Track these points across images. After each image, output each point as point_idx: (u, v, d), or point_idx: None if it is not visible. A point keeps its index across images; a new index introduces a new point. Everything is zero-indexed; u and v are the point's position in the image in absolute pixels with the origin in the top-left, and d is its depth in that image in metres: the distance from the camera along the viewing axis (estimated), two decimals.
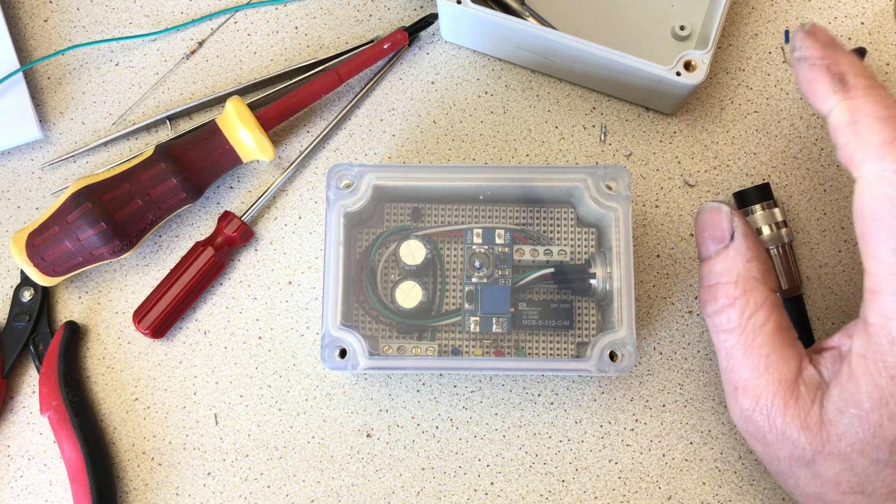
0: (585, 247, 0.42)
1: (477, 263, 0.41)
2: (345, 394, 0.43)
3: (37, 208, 0.46)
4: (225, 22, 0.48)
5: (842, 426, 0.30)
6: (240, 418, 0.43)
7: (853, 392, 0.29)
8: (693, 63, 0.41)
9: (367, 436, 0.42)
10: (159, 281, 0.44)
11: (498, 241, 0.41)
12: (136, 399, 0.43)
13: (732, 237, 0.33)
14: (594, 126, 0.46)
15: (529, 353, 0.41)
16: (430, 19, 0.46)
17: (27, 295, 0.44)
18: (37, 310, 0.43)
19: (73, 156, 0.46)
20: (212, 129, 0.43)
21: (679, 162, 0.45)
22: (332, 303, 0.38)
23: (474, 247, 0.41)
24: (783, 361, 0.32)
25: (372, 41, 0.47)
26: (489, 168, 0.40)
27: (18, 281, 0.44)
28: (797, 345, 0.32)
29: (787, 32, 0.47)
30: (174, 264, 0.44)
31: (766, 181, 0.44)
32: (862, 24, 0.47)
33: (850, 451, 0.30)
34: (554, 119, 0.46)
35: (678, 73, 0.41)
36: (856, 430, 0.29)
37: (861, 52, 0.44)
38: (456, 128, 0.46)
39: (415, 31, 0.46)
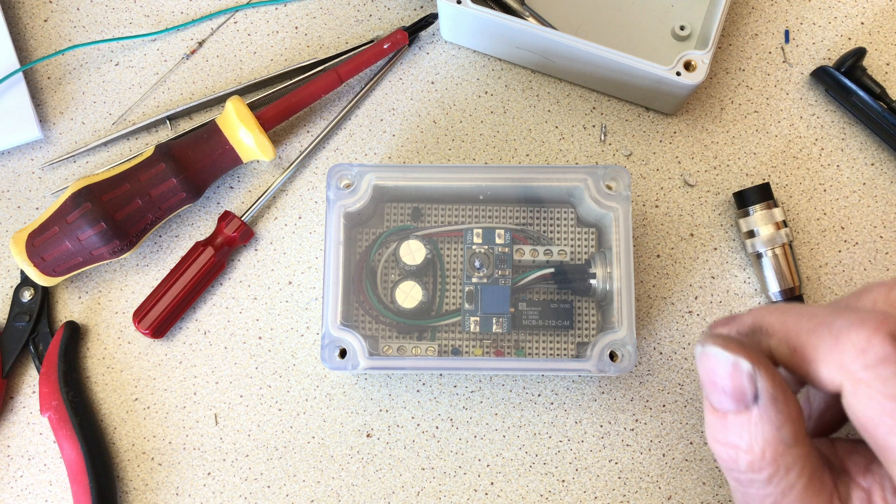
0: (585, 247, 0.42)
1: (477, 263, 0.41)
2: (345, 394, 0.43)
3: (37, 208, 0.46)
4: (225, 22, 0.48)
5: None
6: (240, 418, 0.43)
7: None
8: (693, 63, 0.41)
9: (367, 436, 0.42)
10: (159, 281, 0.44)
11: (498, 241, 0.41)
12: (136, 399, 0.43)
13: (756, 398, 0.27)
14: (594, 126, 0.46)
15: (529, 353, 0.41)
16: (430, 19, 0.46)
17: (27, 295, 0.44)
18: (37, 310, 0.43)
19: (73, 156, 0.46)
20: (212, 129, 0.43)
21: (679, 162, 0.45)
22: (332, 303, 0.38)
23: (474, 247, 0.41)
24: None
25: (372, 41, 0.47)
26: (489, 168, 0.40)
27: (18, 281, 0.44)
28: (826, 484, 0.28)
29: (787, 32, 0.47)
30: (174, 264, 0.44)
31: (766, 181, 0.44)
32: (862, 24, 0.47)
33: None
34: (554, 119, 0.46)
35: (678, 73, 0.41)
36: None
37: (860, 53, 0.44)
38: (456, 128, 0.46)
39: (415, 31, 0.46)
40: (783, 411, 0.27)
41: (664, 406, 0.42)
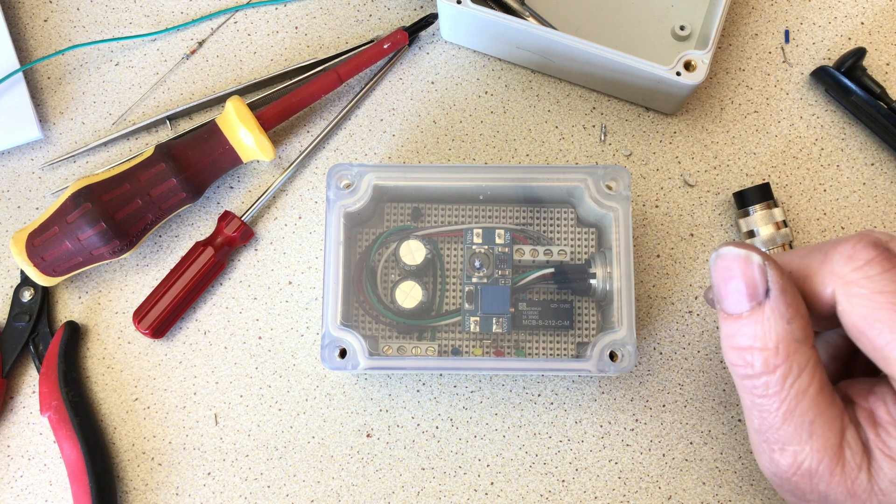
0: (585, 247, 0.42)
1: (477, 263, 0.41)
2: (345, 394, 0.43)
3: (37, 208, 0.46)
4: (225, 22, 0.48)
5: (894, 496, 0.28)
6: (240, 418, 0.43)
7: None
8: (693, 63, 0.41)
9: (367, 436, 0.42)
10: (159, 281, 0.44)
11: (498, 241, 0.41)
12: (136, 399, 0.43)
13: (767, 293, 0.29)
14: (594, 126, 0.46)
15: (529, 353, 0.41)
16: (430, 19, 0.46)
17: (27, 295, 0.44)
18: (37, 310, 0.43)
19: (73, 156, 0.46)
20: (212, 129, 0.43)
21: (679, 162, 0.45)
22: (332, 303, 0.38)
23: (474, 247, 0.41)
24: (828, 426, 0.29)
25: (372, 41, 0.47)
26: (489, 168, 0.40)
27: (18, 281, 0.44)
28: (837, 401, 0.30)
29: (786, 32, 0.47)
30: (174, 264, 0.44)
31: (766, 181, 0.44)
32: (862, 24, 0.47)
33: None
34: (554, 119, 0.46)
35: (678, 73, 0.41)
36: None
37: (860, 53, 0.44)
38: (456, 128, 0.46)
39: (415, 31, 0.46)
40: (792, 304, 0.29)
41: (664, 406, 0.42)
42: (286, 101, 0.44)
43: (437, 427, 0.42)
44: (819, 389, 0.29)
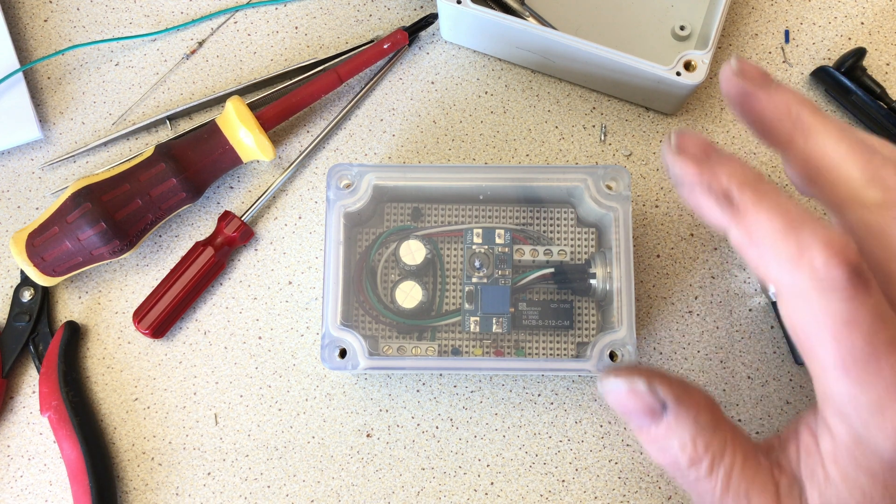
0: (585, 247, 0.42)
1: (477, 263, 0.41)
2: (345, 394, 0.43)
3: (37, 208, 0.46)
4: (225, 22, 0.48)
5: None
6: (240, 418, 0.43)
7: (836, 495, 0.28)
8: (693, 63, 0.41)
9: (367, 436, 0.42)
10: (159, 281, 0.44)
11: (498, 241, 0.41)
12: (136, 399, 0.43)
13: (664, 405, 0.29)
14: (594, 126, 0.46)
15: (529, 353, 0.41)
16: (430, 19, 0.46)
17: (27, 295, 0.44)
18: (37, 310, 0.43)
19: (73, 156, 0.46)
20: (212, 129, 0.43)
21: None
22: (332, 303, 0.38)
23: (474, 247, 0.41)
24: (761, 488, 0.29)
25: (372, 41, 0.47)
26: (489, 168, 0.40)
27: (18, 281, 0.44)
28: (762, 460, 0.30)
29: (786, 32, 0.47)
30: (174, 264, 0.44)
31: None
32: (862, 24, 0.47)
33: None
34: (554, 119, 0.46)
35: (678, 73, 0.41)
36: None
37: (860, 53, 0.44)
38: (456, 128, 0.46)
39: (415, 31, 0.46)
40: (692, 405, 0.29)
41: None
42: (286, 101, 0.44)
43: (437, 427, 0.42)
44: (744, 460, 0.29)
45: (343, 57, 0.47)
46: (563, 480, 0.42)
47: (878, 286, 0.26)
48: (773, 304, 0.43)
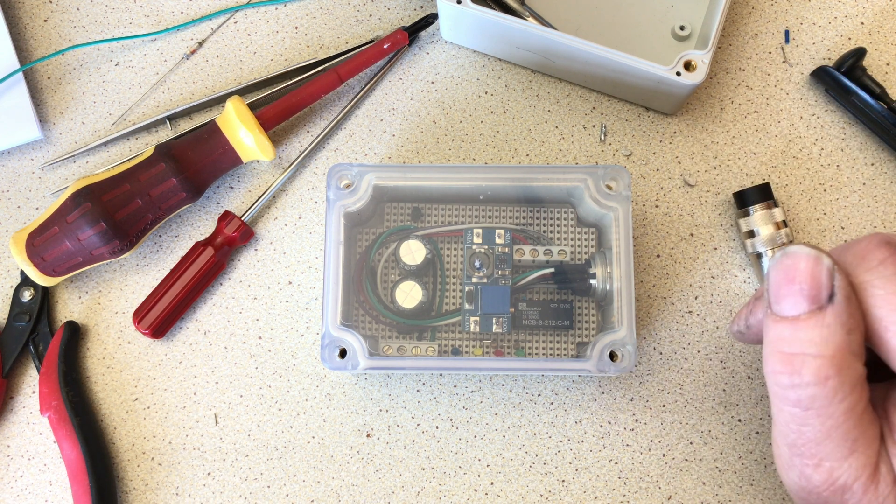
0: (585, 247, 0.42)
1: (477, 263, 0.41)
2: (345, 394, 0.43)
3: (37, 208, 0.46)
4: (225, 22, 0.48)
5: None
6: (240, 418, 0.43)
7: None
8: (693, 63, 0.41)
9: (367, 436, 0.42)
10: (159, 281, 0.44)
11: (498, 241, 0.41)
12: (136, 399, 0.43)
13: (831, 298, 0.27)
14: (594, 126, 0.46)
15: (529, 353, 0.41)
16: (430, 19, 0.46)
17: (27, 295, 0.44)
18: (37, 310, 0.43)
19: (73, 156, 0.46)
20: (212, 129, 0.43)
21: (679, 162, 0.45)
22: (332, 303, 0.38)
23: (474, 247, 0.41)
24: (868, 444, 0.28)
25: (372, 41, 0.47)
26: (489, 168, 0.40)
27: (18, 281, 0.44)
28: (876, 419, 0.28)
29: (787, 32, 0.47)
30: (174, 264, 0.44)
31: (766, 181, 0.44)
32: (862, 24, 0.47)
33: None
34: (554, 119, 0.46)
35: (678, 73, 0.41)
36: None
37: (860, 53, 0.44)
38: (456, 128, 0.46)
39: (415, 31, 0.46)
40: (854, 315, 0.27)
41: (664, 406, 0.42)
42: (286, 101, 0.44)
43: (437, 427, 0.42)
44: (865, 407, 0.27)
45: (343, 57, 0.47)
46: (563, 480, 0.42)
47: None
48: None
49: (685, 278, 0.44)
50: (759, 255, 0.42)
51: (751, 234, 0.42)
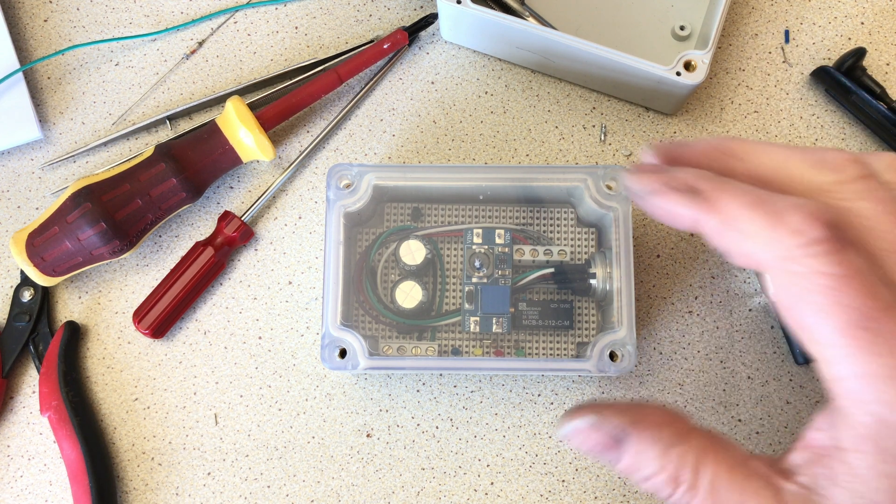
0: (585, 247, 0.42)
1: (477, 263, 0.41)
2: (345, 394, 0.43)
3: (37, 208, 0.46)
4: (225, 22, 0.48)
5: None
6: (240, 418, 0.43)
7: (863, 491, 0.26)
8: (693, 63, 0.41)
9: (367, 436, 0.42)
10: (159, 281, 0.44)
11: (498, 241, 0.41)
12: (136, 399, 0.43)
13: (620, 436, 0.29)
14: (594, 126, 0.46)
15: (529, 353, 0.41)
16: (430, 19, 0.46)
17: (27, 295, 0.44)
18: (37, 310, 0.43)
19: (73, 156, 0.46)
20: (212, 129, 0.43)
21: None
22: (333, 303, 0.38)
23: (474, 247, 0.41)
24: (756, 495, 0.27)
25: (372, 41, 0.47)
26: (489, 168, 0.40)
27: (18, 281, 0.44)
28: (752, 464, 0.28)
29: (787, 32, 0.47)
30: (174, 264, 0.44)
31: None
32: (862, 24, 0.47)
33: None
34: (554, 119, 0.46)
35: (678, 73, 0.41)
36: None
37: (860, 53, 0.44)
38: (456, 128, 0.46)
39: (415, 31, 0.46)
40: (649, 424, 0.29)
41: (664, 406, 0.42)
42: (286, 101, 0.44)
43: (437, 427, 0.42)
44: (730, 468, 0.28)
45: (343, 57, 0.47)
46: (563, 480, 0.42)
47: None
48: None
49: (685, 278, 0.44)
50: None
51: None
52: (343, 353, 0.37)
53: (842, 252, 0.25)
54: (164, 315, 0.43)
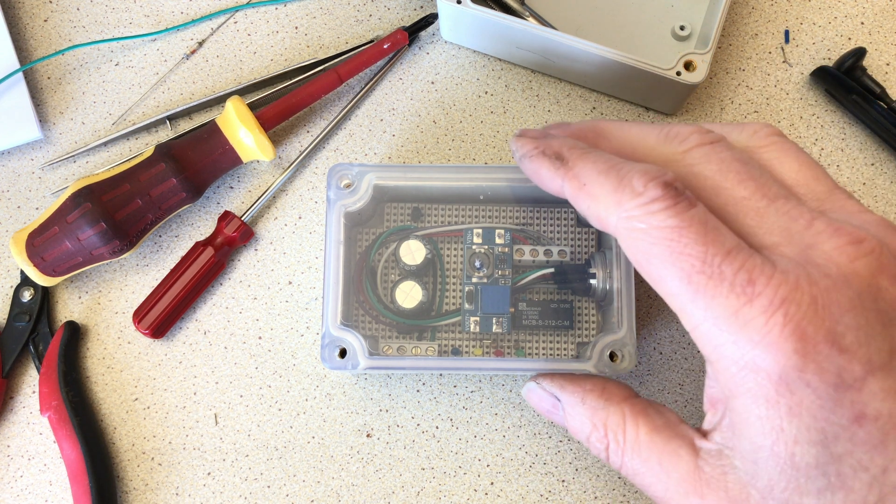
0: (585, 247, 0.42)
1: (477, 263, 0.41)
2: (345, 394, 0.43)
3: (37, 208, 0.46)
4: (225, 22, 0.48)
5: (763, 479, 0.26)
6: (240, 418, 0.43)
7: (753, 437, 0.26)
8: (693, 63, 0.41)
9: (367, 436, 0.42)
10: (159, 281, 0.44)
11: (498, 241, 0.41)
12: (136, 399, 0.43)
13: (558, 397, 0.34)
14: None
15: (529, 354, 0.41)
16: (430, 19, 0.46)
17: (27, 295, 0.44)
18: (37, 310, 0.43)
19: (73, 156, 0.46)
20: (212, 129, 0.43)
21: None
22: (333, 302, 0.38)
23: (474, 247, 0.41)
24: (675, 456, 0.29)
25: (372, 41, 0.47)
26: (489, 168, 0.40)
27: (18, 281, 0.44)
28: (681, 427, 0.30)
29: (786, 32, 0.47)
30: (174, 264, 0.44)
31: None
32: (862, 24, 0.47)
33: (789, 497, 0.26)
34: (554, 119, 0.46)
35: (678, 73, 0.41)
36: (776, 475, 0.25)
37: (860, 53, 0.44)
38: (456, 128, 0.46)
39: (415, 31, 0.46)
40: (576, 390, 0.34)
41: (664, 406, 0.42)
42: (286, 101, 0.44)
43: (437, 427, 0.42)
44: (651, 430, 0.31)
45: (343, 57, 0.47)
46: (563, 480, 0.42)
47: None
48: None
49: None
50: None
51: None
52: (343, 353, 0.37)
53: (677, 206, 0.26)
54: (164, 315, 0.43)
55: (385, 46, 0.45)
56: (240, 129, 0.42)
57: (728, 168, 0.28)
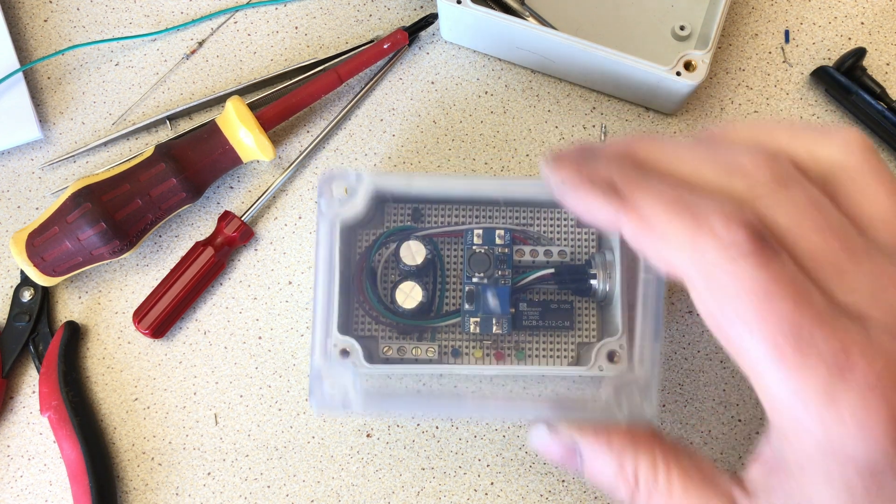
0: (585, 247, 0.42)
1: (477, 264, 0.41)
2: None
3: (37, 208, 0.46)
4: (225, 22, 0.48)
5: None
6: (240, 418, 0.43)
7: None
8: (693, 63, 0.41)
9: (367, 436, 0.42)
10: (159, 281, 0.44)
11: (498, 241, 0.41)
12: (136, 399, 0.43)
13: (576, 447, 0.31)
14: (594, 126, 0.46)
15: (530, 355, 0.41)
16: (430, 19, 0.46)
17: (27, 295, 0.44)
18: (37, 310, 0.43)
19: (73, 156, 0.46)
20: (212, 129, 0.43)
21: None
22: (322, 332, 0.36)
23: (474, 247, 0.41)
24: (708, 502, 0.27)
25: (372, 41, 0.47)
26: (491, 178, 0.40)
27: (18, 281, 0.44)
28: (717, 477, 0.28)
29: (787, 32, 0.47)
30: (174, 264, 0.44)
31: None
32: (862, 24, 0.47)
33: None
34: (554, 119, 0.46)
35: (678, 73, 0.41)
36: None
37: (860, 53, 0.44)
38: (456, 128, 0.46)
39: (415, 31, 0.46)
40: (599, 432, 0.30)
41: (664, 406, 0.42)
42: (286, 101, 0.44)
43: (437, 427, 0.42)
44: (684, 475, 0.28)
45: (343, 57, 0.47)
46: (563, 480, 0.42)
47: None
48: None
49: None
50: None
51: None
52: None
53: (763, 254, 0.23)
54: (164, 315, 0.43)
55: (385, 46, 0.45)
56: (240, 129, 0.42)
57: (803, 215, 0.24)
